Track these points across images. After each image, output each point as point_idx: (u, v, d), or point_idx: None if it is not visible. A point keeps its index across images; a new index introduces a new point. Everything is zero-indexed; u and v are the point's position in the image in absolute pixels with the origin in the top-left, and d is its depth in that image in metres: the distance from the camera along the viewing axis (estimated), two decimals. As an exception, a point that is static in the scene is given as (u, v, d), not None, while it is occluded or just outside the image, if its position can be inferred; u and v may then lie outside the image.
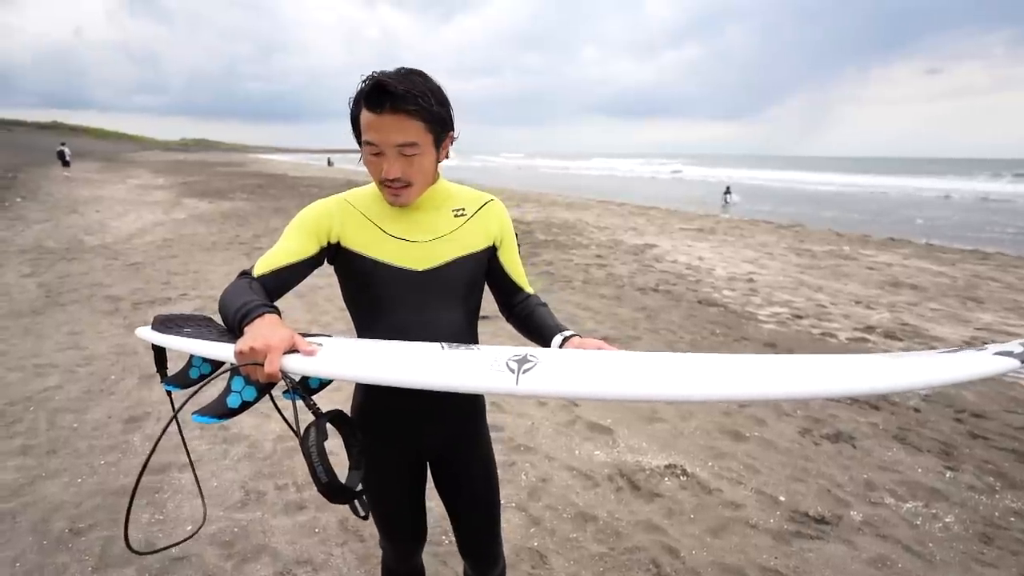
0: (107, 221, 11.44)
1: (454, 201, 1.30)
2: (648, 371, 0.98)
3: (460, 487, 1.41)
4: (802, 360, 0.98)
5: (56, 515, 2.46)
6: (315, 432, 0.99)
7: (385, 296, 1.24)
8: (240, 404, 1.06)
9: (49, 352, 4.32)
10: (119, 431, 3.18)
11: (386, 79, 1.07)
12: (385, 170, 1.14)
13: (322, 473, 0.97)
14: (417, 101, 1.08)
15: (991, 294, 6.94)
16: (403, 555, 1.49)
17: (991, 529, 2.51)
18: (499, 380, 0.96)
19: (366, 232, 1.23)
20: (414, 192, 1.20)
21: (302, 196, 18.35)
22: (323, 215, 1.24)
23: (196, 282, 6.65)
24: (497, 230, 1.33)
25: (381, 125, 1.10)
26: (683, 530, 2.48)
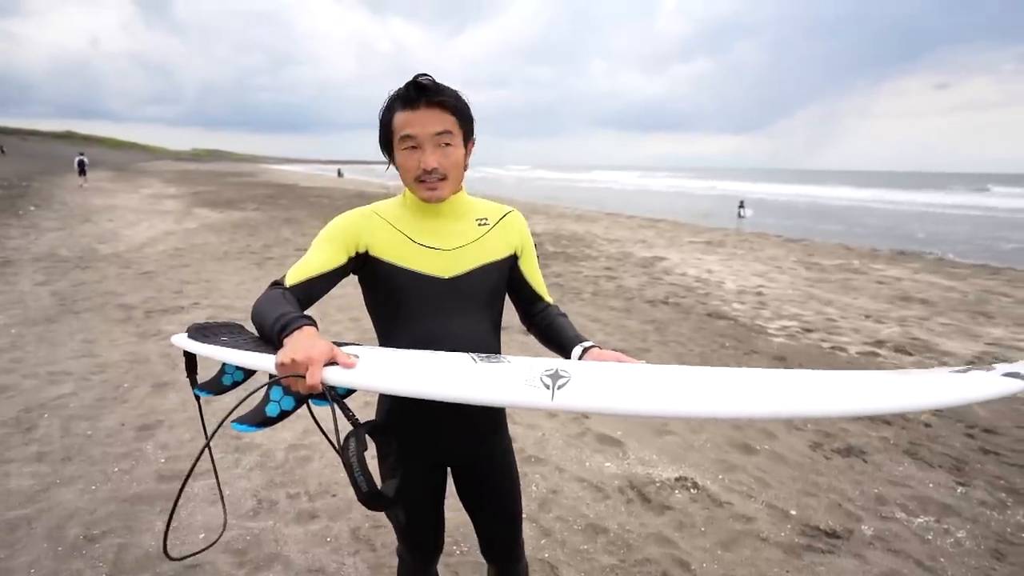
0: (120, 230, 11.59)
1: (477, 211, 1.35)
2: (676, 387, 1.01)
3: (483, 493, 1.44)
4: (818, 377, 1.00)
5: (71, 522, 2.48)
6: (355, 442, 1.02)
7: (411, 304, 1.27)
8: (279, 413, 1.09)
9: (63, 359, 4.37)
10: (132, 438, 3.22)
11: (419, 80, 1.18)
12: (424, 161, 1.20)
13: (362, 483, 1.00)
14: (449, 95, 1.20)
15: (1001, 309, 6.90)
16: (421, 564, 1.51)
17: (1003, 545, 2.49)
18: (535, 395, 0.99)
19: (394, 241, 1.27)
20: (448, 187, 1.25)
21: (312, 207, 18.51)
22: (352, 226, 1.27)
23: (208, 291, 6.71)
24: (518, 240, 1.38)
25: (418, 118, 1.18)
26: (694, 543, 2.48)
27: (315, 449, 3.12)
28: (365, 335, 5.22)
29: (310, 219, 14.80)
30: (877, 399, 0.92)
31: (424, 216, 1.29)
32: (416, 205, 1.30)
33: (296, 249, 9.92)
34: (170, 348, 4.69)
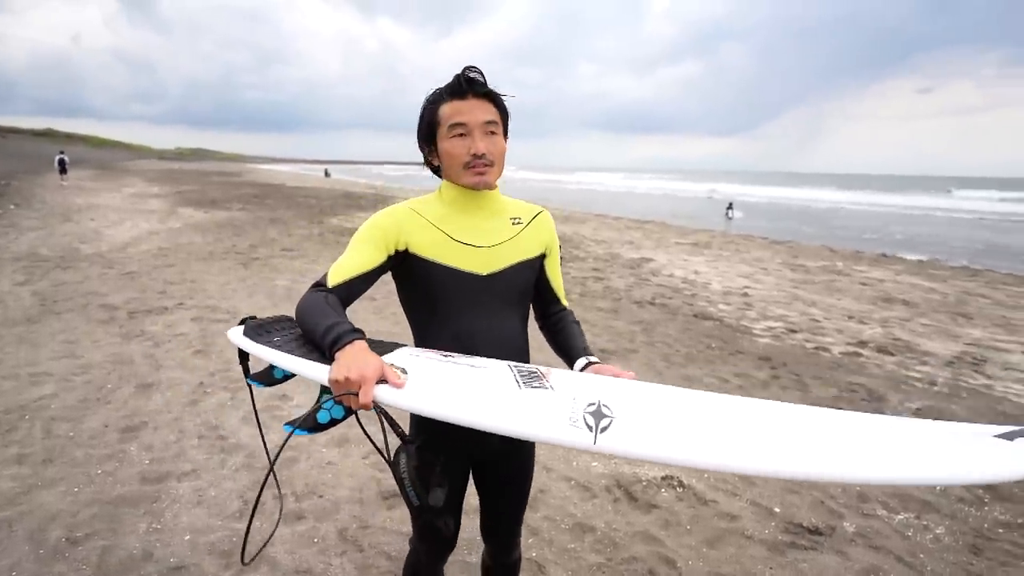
0: (102, 230, 11.43)
1: (510, 210, 1.39)
2: (727, 431, 1.02)
3: (502, 480, 1.50)
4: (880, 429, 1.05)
5: (53, 524, 2.45)
6: (405, 457, 1.06)
7: (449, 300, 1.31)
8: (329, 420, 1.11)
9: (44, 361, 4.31)
10: (116, 440, 3.18)
11: (470, 73, 1.25)
12: (474, 146, 1.25)
13: (414, 497, 1.05)
14: (493, 90, 1.28)
15: (980, 310, 7.03)
16: (435, 558, 1.54)
17: (981, 540, 2.55)
18: (577, 436, 0.99)
19: (433, 238, 1.30)
20: (494, 173, 1.30)
21: (299, 207, 18.39)
22: (390, 224, 1.29)
23: (192, 291, 6.65)
24: (548, 239, 1.43)
25: (468, 107, 1.25)
26: (679, 541, 2.50)
27: (302, 450, 3.11)
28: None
29: (296, 219, 14.71)
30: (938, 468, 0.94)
31: (462, 213, 1.32)
32: (454, 201, 1.32)
33: (282, 249, 9.86)
34: (154, 349, 4.64)
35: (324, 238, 11.53)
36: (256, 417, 1.53)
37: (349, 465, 3.01)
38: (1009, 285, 8.77)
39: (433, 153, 1.33)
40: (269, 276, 7.68)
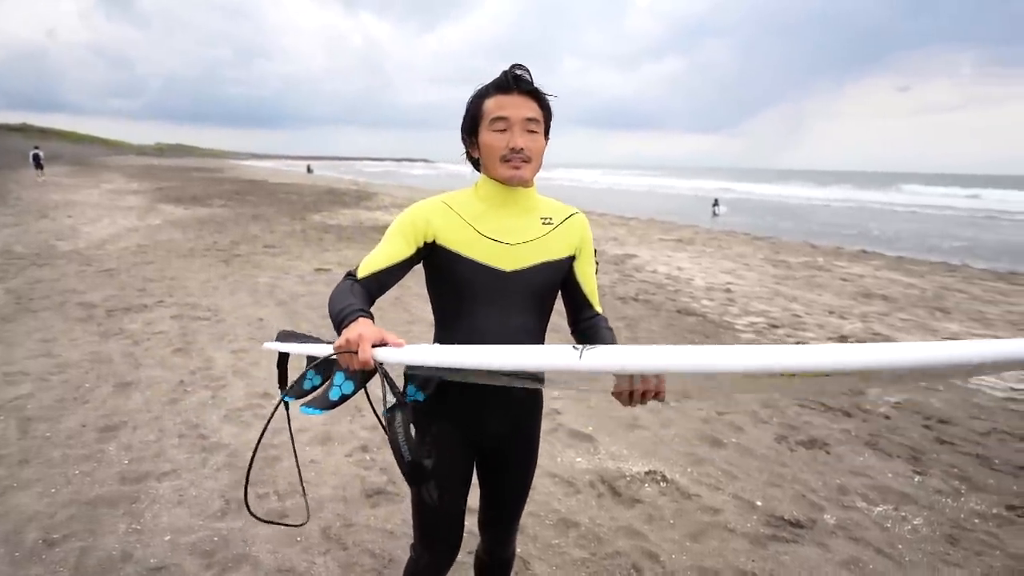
0: (79, 226, 11.22)
1: (542, 210, 1.40)
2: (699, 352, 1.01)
3: (507, 472, 1.51)
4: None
5: (29, 526, 2.40)
6: (401, 415, 1.08)
7: (471, 292, 1.33)
8: (340, 396, 1.15)
9: (20, 359, 4.22)
10: (94, 440, 3.12)
11: (517, 71, 1.28)
12: (513, 141, 1.27)
13: (406, 452, 1.06)
14: (539, 88, 1.31)
15: (958, 305, 7.17)
16: (437, 565, 1.50)
17: (957, 531, 2.60)
18: (565, 357, 1.02)
19: (461, 231, 1.33)
20: (531, 169, 1.31)
21: (281, 203, 18.20)
22: (420, 218, 1.33)
23: (172, 289, 6.55)
24: (578, 241, 1.43)
25: (512, 102, 1.28)
26: (663, 535, 2.52)
27: (284, 449, 3.08)
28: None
29: (279, 216, 14.56)
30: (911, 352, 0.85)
31: (494, 208, 1.34)
32: (488, 197, 1.35)
33: (265, 246, 9.75)
34: (134, 347, 4.57)
35: (307, 235, 11.42)
36: (290, 431, 1.49)
37: (332, 463, 2.99)
38: (985, 280, 8.95)
39: (474, 145, 1.35)
40: (251, 273, 7.60)
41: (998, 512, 2.75)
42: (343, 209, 17.20)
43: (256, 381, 4.00)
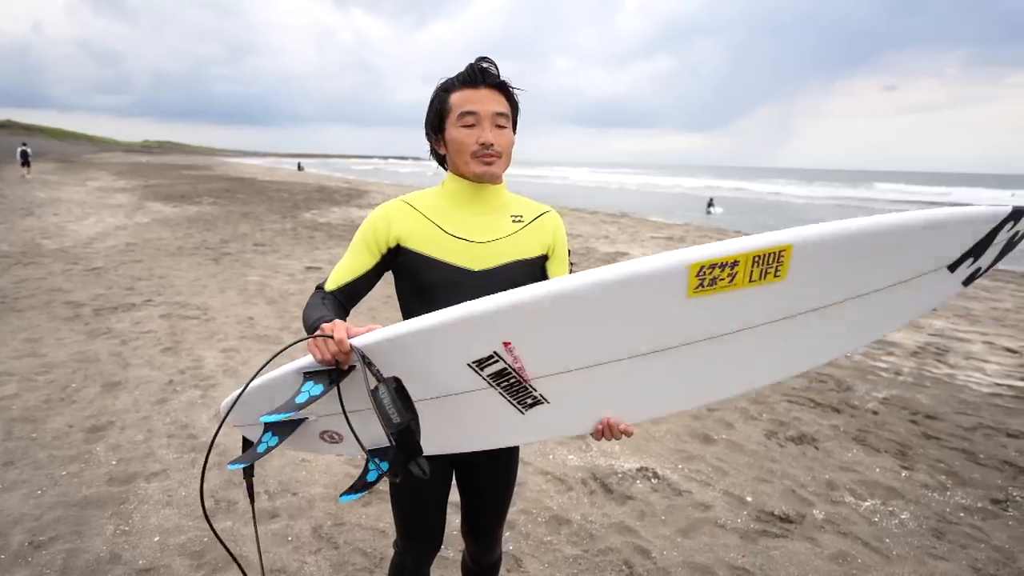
0: (66, 224, 11.09)
1: (513, 207, 1.36)
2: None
3: (484, 478, 1.48)
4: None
5: (15, 528, 2.38)
6: (385, 387, 1.07)
7: (438, 295, 1.27)
8: (307, 399, 1.13)
9: (5, 359, 4.17)
10: (81, 441, 3.09)
11: (483, 63, 1.25)
12: (483, 136, 1.24)
13: (394, 414, 1.04)
14: (506, 81, 1.28)
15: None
16: (420, 560, 1.51)
17: (943, 524, 2.63)
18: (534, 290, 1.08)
19: (426, 232, 1.29)
20: (502, 165, 1.28)
21: (271, 200, 18.07)
22: (380, 224, 1.30)
23: (161, 287, 6.49)
24: (551, 240, 1.38)
25: (480, 97, 1.24)
26: (654, 531, 2.53)
27: (275, 448, 3.06)
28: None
29: (269, 214, 14.46)
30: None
31: (460, 206, 1.31)
32: (455, 194, 1.31)
33: (254, 244, 9.68)
34: (122, 346, 4.52)
35: (297, 233, 11.36)
36: (251, 498, 1.30)
37: (323, 462, 2.98)
38: (970, 277, 9.05)
39: (440, 142, 1.31)
40: (241, 271, 7.54)
41: (983, 506, 2.79)
42: (333, 207, 17.12)
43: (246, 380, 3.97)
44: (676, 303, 1.05)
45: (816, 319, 1.10)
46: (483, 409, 1.21)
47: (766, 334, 1.11)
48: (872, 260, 1.04)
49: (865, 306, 1.10)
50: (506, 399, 1.19)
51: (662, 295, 1.05)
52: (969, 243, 1.04)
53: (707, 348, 1.13)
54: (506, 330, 1.10)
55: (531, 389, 1.18)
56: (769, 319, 1.09)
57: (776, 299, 1.06)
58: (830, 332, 1.14)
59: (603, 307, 1.07)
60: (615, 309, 1.07)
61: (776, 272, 1.01)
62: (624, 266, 1.03)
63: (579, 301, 1.06)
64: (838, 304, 1.09)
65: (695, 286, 1.02)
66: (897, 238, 1.01)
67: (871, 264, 1.04)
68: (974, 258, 1.06)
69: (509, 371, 1.15)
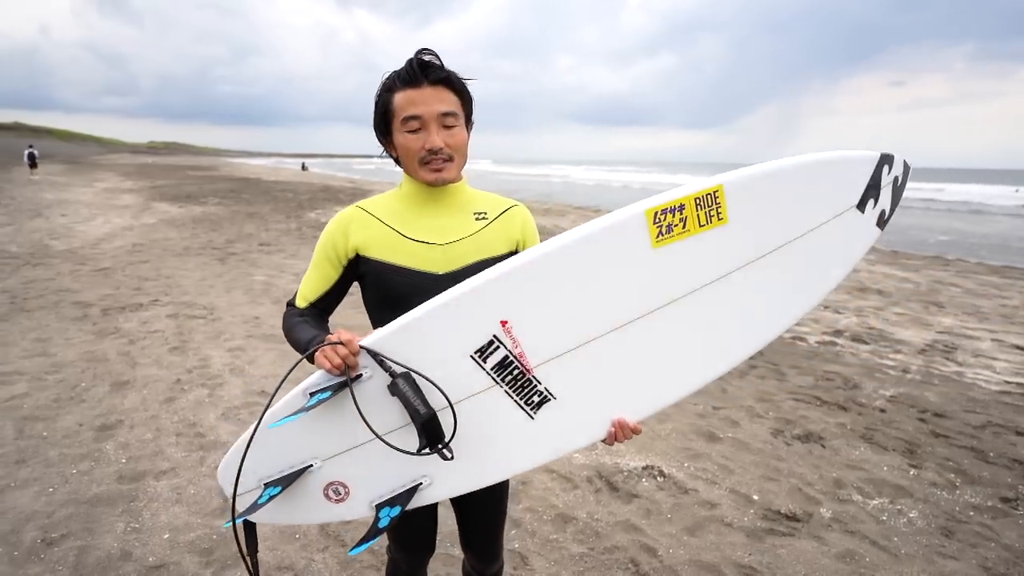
0: (73, 225, 11.16)
1: (476, 204, 1.30)
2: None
3: (477, 498, 1.41)
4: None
5: (27, 525, 2.40)
6: (404, 381, 1.09)
7: (403, 301, 1.21)
8: (317, 402, 1.13)
9: (15, 359, 4.20)
10: (91, 439, 3.12)
11: (422, 56, 1.16)
12: (429, 141, 1.17)
13: (420, 405, 1.06)
14: (452, 74, 1.18)
15: (952, 299, 7.20)
16: (414, 565, 1.50)
17: (952, 523, 2.62)
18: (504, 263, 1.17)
19: (384, 237, 1.24)
20: (454, 168, 1.22)
21: (276, 200, 18.14)
22: (337, 234, 1.26)
23: (168, 287, 6.53)
24: (519, 236, 1.32)
25: (422, 97, 1.15)
26: (661, 529, 2.53)
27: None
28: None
29: (274, 214, 14.51)
30: None
31: (419, 208, 1.26)
32: (412, 196, 1.26)
33: (260, 244, 9.72)
34: (130, 346, 4.55)
35: (302, 232, 11.39)
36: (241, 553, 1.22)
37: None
38: (979, 274, 9.00)
39: (390, 145, 1.25)
40: (247, 271, 7.58)
41: (993, 504, 2.77)
42: (338, 206, 17.15)
43: (253, 379, 3.99)
44: (645, 255, 1.16)
45: (771, 264, 1.22)
46: (492, 418, 1.20)
47: (734, 285, 1.21)
48: (790, 199, 1.20)
49: (805, 250, 1.23)
50: (513, 399, 1.19)
51: (630, 245, 1.16)
52: (862, 183, 1.24)
53: (687, 306, 1.20)
54: (499, 305, 1.14)
55: (535, 382, 1.18)
56: (731, 267, 1.20)
57: (728, 244, 1.19)
58: (790, 278, 1.25)
59: (582, 266, 1.15)
60: (593, 266, 1.16)
61: (718, 215, 1.16)
62: (593, 222, 1.16)
63: (558, 261, 1.14)
64: (781, 248, 1.22)
65: (656, 234, 1.15)
66: (801, 175, 1.20)
67: (792, 204, 1.21)
68: (874, 200, 1.26)
69: (511, 359, 1.16)
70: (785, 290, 1.25)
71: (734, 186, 1.17)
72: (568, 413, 1.21)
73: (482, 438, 1.20)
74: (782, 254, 1.22)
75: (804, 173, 1.21)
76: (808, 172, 1.21)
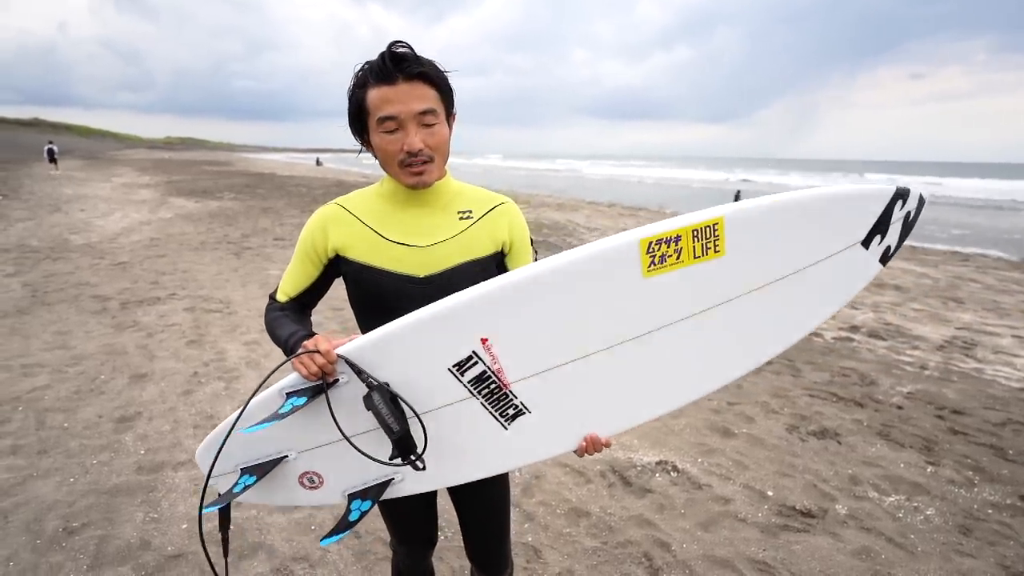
0: (92, 220, 11.33)
1: (461, 202, 1.24)
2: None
3: (475, 495, 1.41)
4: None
5: (49, 515, 2.45)
6: (379, 395, 1.09)
7: (385, 304, 1.20)
8: (291, 409, 1.13)
9: (36, 352, 4.28)
10: (110, 430, 3.17)
11: (395, 49, 1.07)
12: (408, 143, 1.10)
13: (393, 423, 1.07)
14: (428, 66, 1.09)
15: (971, 295, 7.09)
16: (416, 558, 1.51)
17: (970, 521, 2.58)
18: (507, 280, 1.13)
19: (364, 239, 1.20)
20: (436, 169, 1.16)
21: (290, 195, 18.26)
22: (317, 232, 1.22)
23: (185, 281, 6.61)
24: (506, 235, 1.26)
25: (398, 95, 1.07)
26: (674, 524, 2.53)
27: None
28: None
29: (288, 208, 14.61)
30: None
31: (400, 207, 1.21)
32: (393, 194, 1.21)
33: (275, 239, 9.80)
34: (148, 339, 4.62)
35: (317, 227, 11.45)
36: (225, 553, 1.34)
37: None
38: (1000, 269, 8.84)
39: (367, 144, 1.18)
40: (262, 265, 7.65)
41: (1012, 502, 2.73)
42: (352, 201, 17.22)
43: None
44: (635, 283, 1.12)
45: (762, 298, 1.18)
46: (466, 426, 1.19)
47: (720, 317, 1.18)
48: (793, 234, 1.15)
49: (801, 284, 1.18)
50: (488, 411, 1.19)
51: (621, 274, 1.12)
52: (871, 220, 1.18)
53: (670, 335, 1.17)
54: (481, 324, 1.12)
55: (512, 396, 1.18)
56: (721, 299, 1.16)
57: (721, 276, 1.15)
58: (776, 315, 1.21)
59: (569, 291, 1.12)
60: (580, 292, 1.12)
61: (715, 247, 1.12)
62: (584, 247, 1.11)
63: (546, 285, 1.11)
64: (778, 282, 1.18)
65: (648, 264, 1.11)
66: (808, 210, 1.15)
67: (794, 239, 1.16)
68: (881, 236, 1.20)
69: (488, 374, 1.15)
70: (770, 323, 1.21)
71: (736, 219, 1.12)
72: (541, 426, 1.21)
73: (454, 444, 1.21)
74: (775, 288, 1.18)
75: (812, 208, 1.15)
76: (816, 207, 1.15)
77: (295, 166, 48.60)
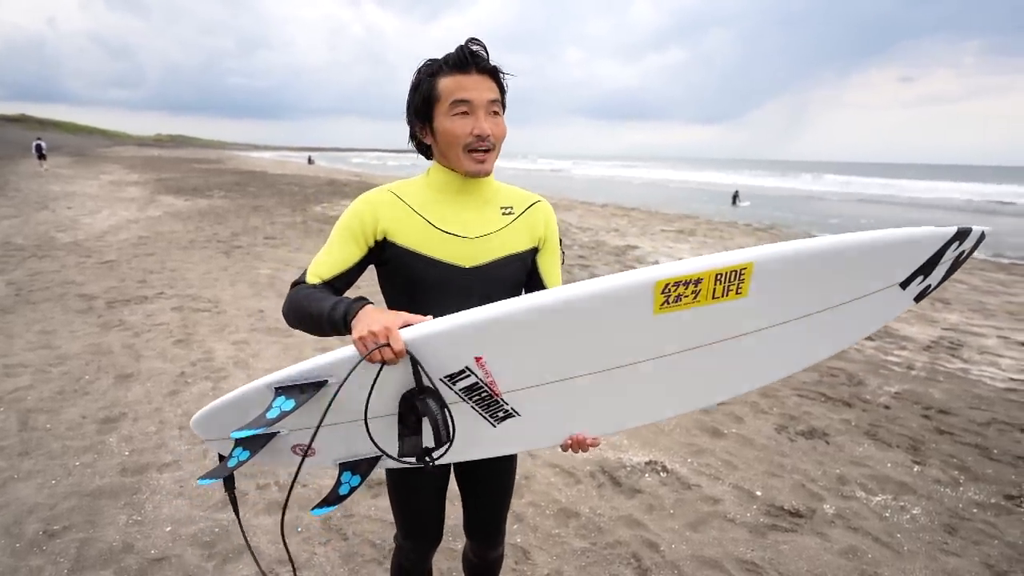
0: (79, 218, 11.20)
1: (502, 198, 1.29)
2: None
3: (481, 475, 1.45)
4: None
5: (30, 517, 2.41)
6: (434, 401, 1.08)
7: (428, 293, 1.22)
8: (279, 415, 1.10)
9: (19, 351, 4.22)
10: (94, 432, 3.13)
11: (474, 45, 1.16)
12: (478, 127, 1.15)
13: (444, 432, 1.08)
14: (497, 67, 1.19)
15: (958, 296, 7.15)
16: (422, 555, 1.51)
17: (955, 520, 2.60)
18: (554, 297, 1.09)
19: (415, 226, 1.22)
20: (493, 159, 1.21)
21: (282, 194, 18.16)
22: (367, 214, 1.22)
23: (173, 280, 6.55)
24: (542, 232, 1.32)
25: (473, 83, 1.15)
26: (663, 524, 2.53)
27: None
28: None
29: (279, 207, 14.52)
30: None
31: (449, 199, 1.24)
32: (443, 186, 1.24)
33: (265, 238, 9.74)
34: (134, 339, 4.57)
35: (307, 226, 11.41)
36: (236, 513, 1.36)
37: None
38: (986, 271, 8.93)
39: (426, 131, 1.23)
40: (252, 264, 7.59)
41: (996, 502, 2.75)
42: (344, 200, 17.15)
43: (257, 372, 4.00)
44: (643, 319, 1.07)
45: (775, 335, 1.12)
46: (456, 421, 1.18)
47: (725, 351, 1.14)
48: (828, 279, 1.07)
49: (822, 322, 1.12)
50: (478, 412, 1.20)
51: (630, 311, 1.06)
52: (919, 262, 1.09)
53: (670, 363, 1.15)
54: (479, 345, 1.10)
55: (502, 403, 1.18)
56: (728, 335, 1.11)
57: (736, 315, 1.08)
58: (788, 348, 1.16)
59: (573, 323, 1.08)
60: (585, 325, 1.08)
61: (738, 290, 1.04)
62: (596, 282, 1.04)
63: (551, 316, 1.07)
64: (795, 321, 1.11)
65: (660, 303, 1.05)
66: (851, 259, 1.05)
67: (827, 282, 1.08)
68: (924, 276, 1.12)
69: (480, 385, 1.15)
70: (777, 355, 1.17)
71: (767, 266, 1.03)
72: (529, 426, 1.22)
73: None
74: (795, 324, 1.11)
75: (854, 254, 1.04)
76: (860, 253, 1.04)
77: (286, 164, 48.35)
